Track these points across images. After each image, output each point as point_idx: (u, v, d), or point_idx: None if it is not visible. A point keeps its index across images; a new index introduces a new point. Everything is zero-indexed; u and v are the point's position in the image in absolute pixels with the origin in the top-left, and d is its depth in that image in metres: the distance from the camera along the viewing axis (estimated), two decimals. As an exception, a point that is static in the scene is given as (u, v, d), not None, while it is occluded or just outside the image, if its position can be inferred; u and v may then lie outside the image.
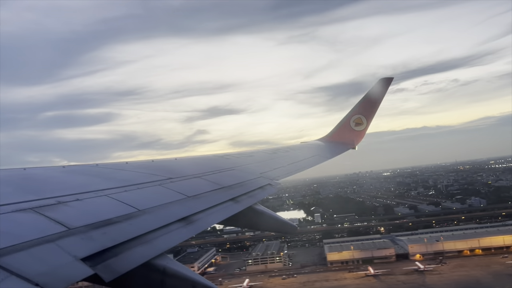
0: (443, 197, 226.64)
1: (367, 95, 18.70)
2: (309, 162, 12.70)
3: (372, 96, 18.63)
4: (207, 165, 8.49)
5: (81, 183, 5.16)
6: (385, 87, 18.54)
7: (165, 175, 6.43)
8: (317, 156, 14.11)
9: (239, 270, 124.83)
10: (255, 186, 7.64)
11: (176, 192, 5.63)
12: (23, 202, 3.87)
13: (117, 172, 6.30)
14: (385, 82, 18.59)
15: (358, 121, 18.74)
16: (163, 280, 4.08)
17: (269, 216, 7.24)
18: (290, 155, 12.75)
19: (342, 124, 19.06)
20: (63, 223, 3.63)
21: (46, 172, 5.46)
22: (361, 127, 18.75)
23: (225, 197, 6.26)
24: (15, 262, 2.81)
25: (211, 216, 5.38)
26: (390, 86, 18.63)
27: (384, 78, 18.66)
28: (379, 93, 18.58)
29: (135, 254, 3.67)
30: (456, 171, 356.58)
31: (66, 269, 3.01)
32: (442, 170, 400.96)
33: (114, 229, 3.89)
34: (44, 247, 3.15)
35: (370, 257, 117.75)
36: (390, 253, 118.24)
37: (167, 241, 4.18)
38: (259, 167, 9.51)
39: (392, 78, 18.77)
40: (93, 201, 4.49)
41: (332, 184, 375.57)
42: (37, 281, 2.71)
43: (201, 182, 6.77)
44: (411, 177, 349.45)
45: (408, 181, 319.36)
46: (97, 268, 3.21)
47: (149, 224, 4.30)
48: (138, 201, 4.79)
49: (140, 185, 5.59)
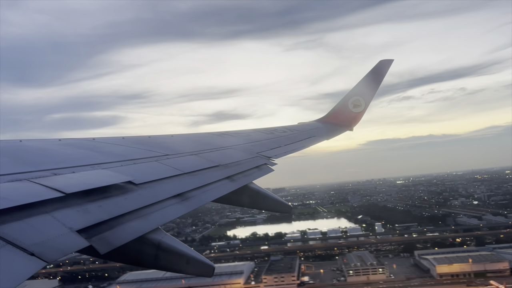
0: (494, 207, 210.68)
1: (367, 76, 18.58)
2: (306, 143, 12.70)
3: (372, 77, 18.51)
4: (204, 143, 8.48)
5: (77, 157, 5.16)
6: (385, 69, 18.42)
7: (161, 152, 6.43)
8: (314, 137, 14.11)
9: (337, 280, 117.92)
10: (252, 165, 7.66)
11: (172, 168, 5.64)
12: (19, 173, 3.87)
13: (114, 146, 6.29)
14: (385, 63, 18.45)
15: (356, 103, 18.67)
16: (157, 254, 4.13)
17: (264, 195, 7.29)
18: (287, 135, 12.74)
19: (340, 105, 18.99)
20: (59, 189, 3.63)
21: (42, 145, 5.44)
22: (359, 109, 18.69)
23: (221, 175, 6.28)
24: (11, 232, 2.83)
25: (207, 193, 5.41)
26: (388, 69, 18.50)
27: (384, 60, 18.52)
28: (378, 74, 18.46)
29: (130, 228, 3.70)
30: (476, 180, 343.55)
31: (62, 240, 3.04)
32: (459, 178, 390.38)
33: (110, 203, 3.90)
34: (40, 218, 3.17)
35: (483, 271, 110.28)
36: (504, 267, 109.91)
37: (163, 216, 4.22)
38: (256, 146, 9.51)
39: (392, 60, 18.63)
40: (89, 174, 4.49)
41: (350, 191, 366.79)
42: (32, 251, 2.73)
43: (197, 159, 6.78)
44: (434, 186, 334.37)
45: (436, 190, 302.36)
46: (92, 240, 3.24)
47: (145, 199, 4.33)
48: (135, 176, 4.79)
49: (136, 160, 5.59)
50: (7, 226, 2.88)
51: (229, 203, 7.25)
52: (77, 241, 3.12)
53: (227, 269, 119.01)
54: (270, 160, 8.58)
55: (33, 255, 2.71)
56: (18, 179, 3.72)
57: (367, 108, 18.88)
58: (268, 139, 11.12)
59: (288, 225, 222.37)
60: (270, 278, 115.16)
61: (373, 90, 18.72)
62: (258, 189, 7.16)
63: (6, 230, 2.82)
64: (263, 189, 7.30)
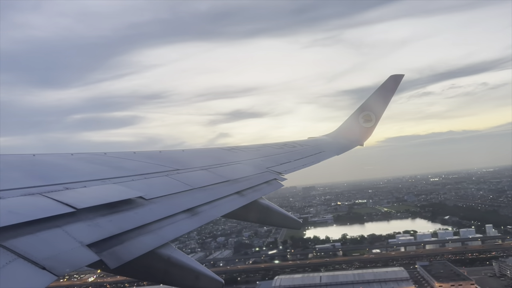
0: None
1: (377, 91, 18.57)
2: (316, 158, 12.66)
3: (382, 92, 18.49)
4: (214, 158, 8.51)
5: (88, 171, 5.21)
6: (396, 84, 18.40)
7: (172, 166, 6.46)
8: (324, 152, 14.06)
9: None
10: (261, 180, 7.65)
11: (183, 183, 5.66)
12: (31, 187, 3.92)
13: (125, 161, 6.34)
14: (396, 79, 18.44)
15: (367, 118, 18.62)
16: (167, 269, 4.11)
17: (274, 210, 7.25)
18: (297, 150, 12.72)
19: (350, 120, 18.96)
20: (70, 204, 3.66)
21: (54, 159, 5.51)
22: (369, 124, 18.64)
23: (231, 190, 6.27)
24: (23, 245, 2.86)
25: (217, 208, 5.40)
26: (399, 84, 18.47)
27: (395, 75, 18.51)
28: (389, 90, 18.44)
29: (140, 243, 3.71)
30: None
31: (73, 254, 3.06)
32: (499, 175, 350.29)
33: (120, 217, 3.92)
34: (51, 232, 3.20)
35: None
36: None
37: (172, 231, 4.22)
38: (265, 161, 9.51)
39: (403, 75, 18.61)
40: (100, 189, 4.53)
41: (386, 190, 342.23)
42: (43, 265, 2.75)
43: (207, 174, 6.79)
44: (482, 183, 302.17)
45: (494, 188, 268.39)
46: (102, 254, 3.25)
47: (155, 213, 4.34)
48: (145, 191, 4.82)
49: (147, 175, 5.62)
50: (19, 239, 2.91)
51: (238, 218, 7.23)
52: (87, 256, 3.14)
53: (388, 275, 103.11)
54: (280, 175, 8.56)
55: (44, 268, 2.72)
56: (30, 193, 3.76)
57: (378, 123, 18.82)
58: (278, 154, 11.11)
59: (361, 227, 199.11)
60: (446, 286, 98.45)
61: (384, 105, 18.68)
62: (268, 204, 7.13)
63: (18, 244, 2.85)
64: (273, 204, 7.27)
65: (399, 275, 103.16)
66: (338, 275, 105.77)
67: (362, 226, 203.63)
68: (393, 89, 18.41)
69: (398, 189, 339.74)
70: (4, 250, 2.73)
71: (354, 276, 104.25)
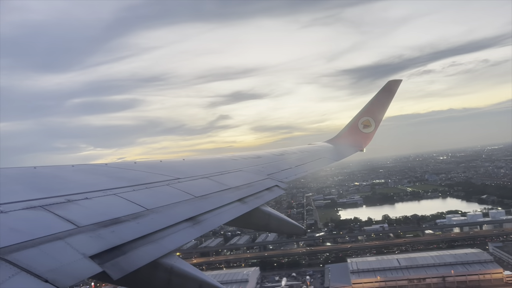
0: None
1: (376, 97, 18.63)
2: (317, 164, 12.67)
3: (381, 98, 18.55)
4: (215, 166, 8.51)
5: (90, 182, 5.21)
6: (394, 89, 18.46)
7: (173, 175, 6.46)
8: (325, 158, 14.07)
9: None
10: (263, 187, 7.65)
11: (184, 192, 5.66)
12: (33, 200, 3.92)
13: (126, 171, 6.35)
14: (394, 84, 18.51)
15: (366, 123, 18.66)
16: (170, 279, 4.10)
17: (276, 217, 7.24)
18: (297, 157, 12.73)
19: (350, 126, 19.00)
20: (72, 221, 3.67)
21: (56, 171, 5.52)
22: (369, 129, 18.67)
23: (233, 198, 6.27)
24: (25, 259, 2.85)
25: (218, 216, 5.39)
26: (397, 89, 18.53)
27: (393, 81, 18.59)
28: (388, 95, 18.50)
29: (143, 253, 3.70)
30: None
31: (75, 266, 3.05)
32: (508, 152, 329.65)
33: (122, 228, 3.92)
34: (53, 244, 3.19)
35: None
36: None
37: (175, 241, 4.21)
38: (266, 168, 9.51)
39: (401, 80, 18.68)
40: (102, 200, 4.53)
41: (397, 169, 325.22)
42: (46, 278, 2.75)
43: (208, 182, 6.79)
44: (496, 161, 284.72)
45: None
46: (105, 266, 3.24)
47: (157, 223, 4.33)
48: (146, 201, 4.83)
49: (148, 184, 5.62)
50: (21, 253, 2.91)
51: (241, 225, 7.21)
52: (90, 267, 3.13)
53: (469, 257, 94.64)
54: (281, 182, 8.56)
55: (47, 281, 2.72)
56: (32, 206, 3.76)
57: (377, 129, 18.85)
58: (278, 161, 11.12)
59: (392, 208, 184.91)
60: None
61: (383, 110, 18.73)
62: (269, 211, 7.11)
63: (20, 257, 2.85)
64: (274, 211, 7.26)
65: (481, 257, 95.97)
66: (416, 258, 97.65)
67: (392, 207, 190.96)
68: (392, 94, 18.47)
69: (410, 168, 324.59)
70: (6, 263, 2.73)
71: (433, 258, 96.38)
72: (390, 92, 18.44)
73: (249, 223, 6.92)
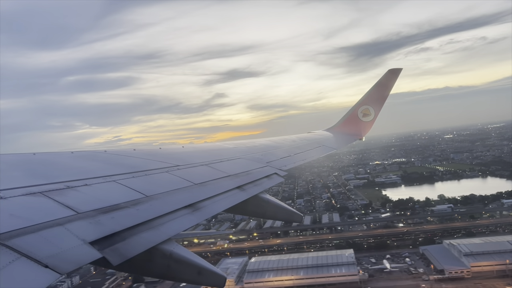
0: None
1: (376, 85, 18.56)
2: (316, 152, 12.68)
3: (381, 87, 18.48)
4: (214, 154, 8.51)
5: (89, 169, 5.22)
6: (394, 78, 18.39)
7: (172, 163, 6.47)
8: (324, 147, 14.07)
9: None
10: (262, 175, 7.66)
11: (183, 179, 5.67)
12: (32, 186, 3.93)
13: (125, 158, 6.35)
14: (394, 72, 18.43)
15: (366, 112, 18.63)
16: (169, 264, 4.13)
17: (274, 204, 7.26)
18: (297, 145, 12.73)
19: (349, 114, 18.97)
20: (71, 207, 3.69)
21: (55, 157, 5.52)
22: (368, 118, 18.64)
23: (232, 185, 6.29)
24: (25, 244, 2.87)
25: (218, 203, 5.42)
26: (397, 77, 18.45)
27: (393, 69, 18.51)
28: (387, 84, 18.43)
29: (142, 239, 3.72)
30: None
31: (75, 252, 3.07)
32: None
33: (122, 214, 3.93)
34: (53, 230, 3.21)
35: None
36: None
37: (174, 227, 4.23)
38: (265, 156, 9.51)
39: (401, 69, 18.60)
40: (101, 187, 4.54)
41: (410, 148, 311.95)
42: (46, 263, 2.77)
43: (208, 170, 6.81)
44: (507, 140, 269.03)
45: None
46: (105, 251, 3.26)
47: (156, 210, 4.35)
48: (146, 188, 4.84)
49: (147, 171, 5.63)
50: (21, 238, 2.93)
51: (240, 213, 7.24)
52: (90, 253, 3.15)
53: None
54: (280, 170, 8.57)
55: (47, 267, 2.74)
56: (32, 192, 3.77)
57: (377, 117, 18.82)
58: (278, 149, 11.12)
59: (432, 188, 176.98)
60: None
61: (382, 99, 18.68)
62: (268, 199, 7.14)
63: (20, 243, 2.87)
64: (273, 198, 7.28)
65: None
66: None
67: (432, 186, 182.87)
68: (391, 83, 18.40)
69: (424, 147, 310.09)
70: (6, 249, 2.74)
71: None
72: (390, 81, 18.37)
73: (248, 210, 6.95)
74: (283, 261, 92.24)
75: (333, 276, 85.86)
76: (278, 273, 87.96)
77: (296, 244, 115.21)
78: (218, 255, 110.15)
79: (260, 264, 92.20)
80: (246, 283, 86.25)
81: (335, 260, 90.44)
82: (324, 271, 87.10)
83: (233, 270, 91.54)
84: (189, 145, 9.32)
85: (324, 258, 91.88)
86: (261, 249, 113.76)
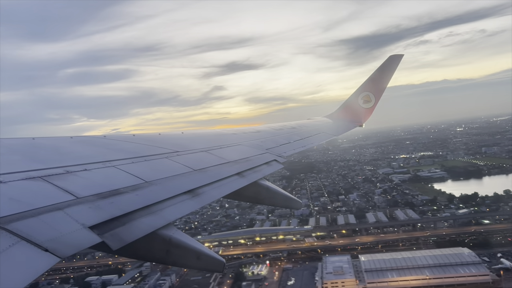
0: None
1: (376, 72, 18.45)
2: (316, 139, 12.67)
3: (381, 73, 18.37)
4: (214, 140, 8.51)
5: (89, 154, 5.21)
6: (395, 65, 18.27)
7: (172, 149, 6.46)
8: (324, 133, 14.06)
9: None
10: (261, 161, 7.67)
11: (183, 165, 5.67)
12: (32, 170, 3.92)
13: (125, 144, 6.34)
14: (395, 59, 18.30)
15: (366, 99, 18.56)
16: (168, 249, 4.16)
17: (274, 191, 7.29)
18: (297, 132, 12.72)
19: (350, 101, 18.91)
20: (71, 192, 3.69)
21: (54, 142, 5.51)
22: (369, 105, 18.59)
23: (231, 172, 6.29)
24: (25, 228, 2.88)
25: (217, 189, 5.43)
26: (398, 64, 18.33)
27: (394, 55, 18.38)
28: (388, 70, 18.32)
29: (142, 224, 3.74)
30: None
31: (75, 236, 3.08)
32: None
33: (121, 199, 3.94)
34: (53, 215, 3.22)
35: None
36: None
37: (174, 212, 4.25)
38: (265, 143, 9.51)
39: (402, 55, 18.46)
40: (101, 172, 4.54)
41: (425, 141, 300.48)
42: (46, 247, 2.78)
43: (207, 156, 6.80)
44: None
45: None
46: (104, 236, 3.28)
47: (156, 195, 4.36)
48: (145, 173, 4.84)
49: (147, 157, 5.63)
50: (21, 222, 2.94)
51: (239, 199, 7.27)
52: (89, 237, 3.16)
53: None
54: (279, 156, 8.58)
55: (47, 251, 2.75)
56: (31, 177, 3.77)
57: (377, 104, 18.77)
58: (277, 135, 11.11)
59: (480, 183, 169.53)
60: None
61: (383, 85, 18.59)
62: (268, 185, 7.16)
63: (20, 227, 2.87)
64: (273, 185, 7.30)
65: None
66: None
67: (480, 182, 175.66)
68: (393, 69, 18.29)
69: (442, 140, 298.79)
70: (6, 233, 2.75)
71: None
72: (390, 67, 18.26)
73: (247, 196, 6.97)
74: (400, 260, 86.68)
75: (463, 276, 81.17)
76: (400, 273, 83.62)
77: (392, 242, 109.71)
78: (308, 252, 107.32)
79: (376, 263, 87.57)
80: (368, 283, 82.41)
81: (457, 259, 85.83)
82: (451, 271, 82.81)
83: (347, 269, 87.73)
84: (189, 131, 9.31)
85: (443, 257, 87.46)
86: (355, 246, 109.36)
